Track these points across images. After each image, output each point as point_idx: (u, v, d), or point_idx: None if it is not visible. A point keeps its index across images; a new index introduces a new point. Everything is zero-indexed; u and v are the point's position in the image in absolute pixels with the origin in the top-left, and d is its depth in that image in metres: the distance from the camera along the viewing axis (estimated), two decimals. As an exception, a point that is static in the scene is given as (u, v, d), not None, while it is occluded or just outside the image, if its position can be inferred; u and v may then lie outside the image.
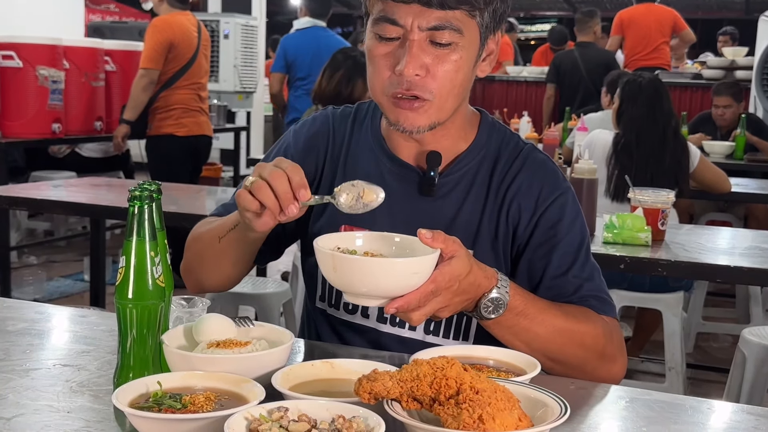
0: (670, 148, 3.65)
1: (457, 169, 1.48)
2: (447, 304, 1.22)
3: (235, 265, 1.52)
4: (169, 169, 5.14)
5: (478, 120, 1.53)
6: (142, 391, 1.08)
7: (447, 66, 1.36)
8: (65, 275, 5.50)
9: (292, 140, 1.58)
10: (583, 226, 1.48)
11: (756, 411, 1.23)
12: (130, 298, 1.15)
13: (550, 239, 1.44)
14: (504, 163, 1.48)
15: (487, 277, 1.27)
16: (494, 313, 1.28)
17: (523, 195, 1.46)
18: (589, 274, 1.45)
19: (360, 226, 1.44)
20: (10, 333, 1.45)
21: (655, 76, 3.86)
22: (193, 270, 1.58)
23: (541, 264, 1.44)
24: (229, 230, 1.44)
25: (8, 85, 5.11)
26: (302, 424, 0.96)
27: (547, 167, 1.49)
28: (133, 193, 1.15)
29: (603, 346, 1.39)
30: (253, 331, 1.28)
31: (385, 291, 1.17)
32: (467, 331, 1.49)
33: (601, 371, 1.40)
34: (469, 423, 0.96)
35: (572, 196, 1.49)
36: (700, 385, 3.86)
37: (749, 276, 2.45)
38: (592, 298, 1.43)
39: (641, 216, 2.63)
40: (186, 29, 5.14)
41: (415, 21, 1.33)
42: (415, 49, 1.33)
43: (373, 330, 1.50)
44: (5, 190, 3.46)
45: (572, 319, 1.37)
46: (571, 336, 1.36)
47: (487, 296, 1.27)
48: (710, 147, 5.42)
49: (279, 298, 3.32)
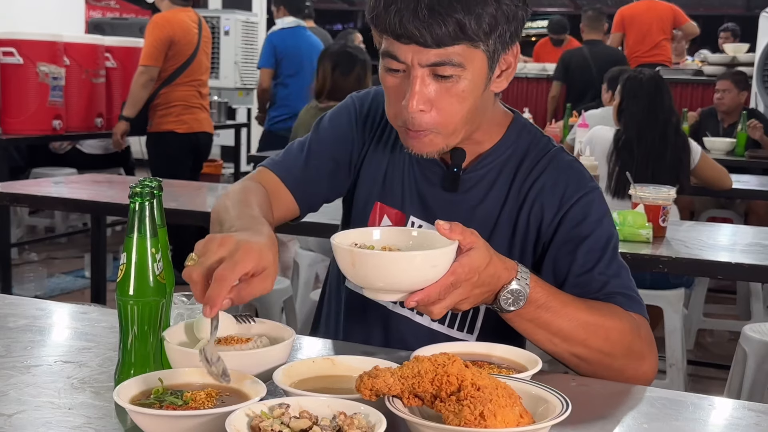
0: (671, 145, 3.64)
1: (482, 165, 1.50)
2: (467, 296, 1.22)
3: None
4: (169, 166, 5.15)
5: (509, 120, 1.53)
6: (144, 387, 1.08)
7: (451, 99, 1.35)
8: (66, 272, 5.50)
9: (357, 108, 1.61)
10: (611, 225, 1.47)
11: (757, 408, 1.23)
12: (131, 295, 1.15)
13: (574, 237, 1.43)
14: (529, 163, 1.49)
15: (507, 268, 1.26)
16: (514, 305, 1.27)
17: (547, 194, 1.46)
18: (616, 271, 1.43)
19: (392, 206, 1.53)
20: (11, 330, 1.45)
21: (656, 72, 3.85)
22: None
23: (566, 261, 1.43)
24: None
25: (9, 81, 5.11)
26: (303, 420, 0.96)
27: (572, 168, 1.49)
28: (134, 189, 1.15)
29: (630, 342, 1.36)
30: (254, 328, 1.28)
31: (405, 285, 1.17)
32: (473, 322, 1.50)
33: (629, 369, 1.37)
34: (470, 419, 0.96)
35: (599, 196, 1.48)
36: (701, 381, 3.86)
37: (750, 273, 2.45)
38: (619, 295, 1.41)
39: (642, 212, 2.63)
40: (186, 26, 5.14)
41: (415, 58, 1.32)
42: (418, 86, 1.34)
43: (390, 312, 1.52)
44: (6, 186, 3.46)
45: (597, 313, 1.35)
46: (596, 330, 1.33)
47: (507, 288, 1.26)
48: (711, 143, 5.42)
49: (280, 294, 3.32)
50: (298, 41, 5.89)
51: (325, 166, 1.59)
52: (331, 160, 1.59)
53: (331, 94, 4.11)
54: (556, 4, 14.87)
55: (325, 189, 1.61)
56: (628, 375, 1.37)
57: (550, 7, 14.56)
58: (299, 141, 1.62)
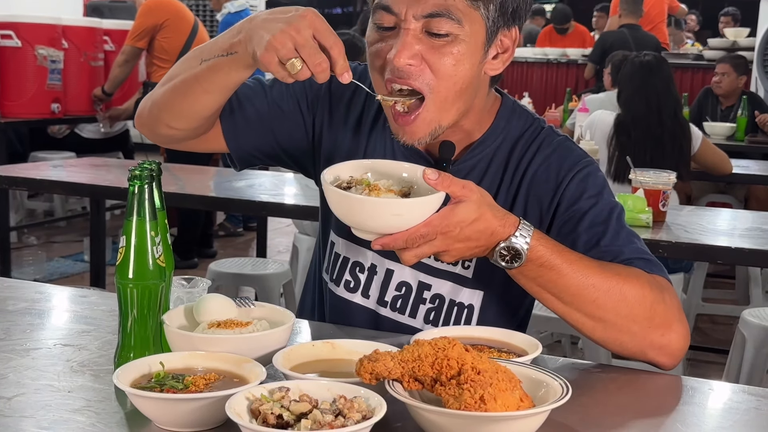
0: (668, 130, 3.62)
1: (471, 156, 1.44)
2: (446, 248, 1.20)
3: (207, 93, 1.35)
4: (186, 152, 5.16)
5: (498, 106, 1.47)
6: (144, 371, 1.08)
7: (444, 59, 1.28)
8: (65, 255, 5.50)
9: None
10: (610, 196, 1.41)
11: (756, 392, 1.23)
12: (131, 278, 1.15)
13: (575, 215, 1.38)
14: (521, 149, 1.44)
15: (505, 225, 1.21)
16: (511, 262, 1.23)
17: (541, 178, 1.41)
18: (626, 239, 1.36)
19: None
20: (11, 313, 1.45)
21: (655, 55, 3.83)
22: (155, 102, 1.44)
23: (570, 240, 1.35)
24: (219, 56, 1.30)
25: (7, 64, 5.10)
26: (303, 404, 0.96)
27: (564, 146, 1.44)
28: (133, 172, 1.15)
29: (651, 305, 1.27)
30: (253, 312, 1.27)
31: (372, 228, 1.18)
32: (468, 323, 1.45)
33: (653, 335, 1.27)
34: (470, 403, 0.95)
35: (594, 169, 1.42)
36: (700, 366, 3.87)
37: (749, 257, 2.45)
38: (636, 259, 1.33)
39: (642, 197, 2.63)
40: (179, 7, 5.13)
41: (410, 10, 1.27)
42: (409, 38, 1.27)
43: (372, 312, 1.49)
44: (5, 170, 3.45)
45: (610, 272, 1.27)
46: (608, 290, 1.25)
47: (502, 244, 1.22)
48: (711, 128, 5.42)
49: (279, 278, 3.33)
50: None
51: (268, 109, 1.48)
52: (276, 105, 1.48)
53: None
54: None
55: (261, 131, 1.48)
56: (651, 341, 1.28)
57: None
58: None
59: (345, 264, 1.50)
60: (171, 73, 1.43)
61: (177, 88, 1.39)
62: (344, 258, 1.50)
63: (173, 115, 1.42)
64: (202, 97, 1.36)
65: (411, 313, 1.47)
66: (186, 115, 1.41)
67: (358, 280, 1.49)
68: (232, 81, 1.33)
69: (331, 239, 1.52)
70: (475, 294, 1.44)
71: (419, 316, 1.47)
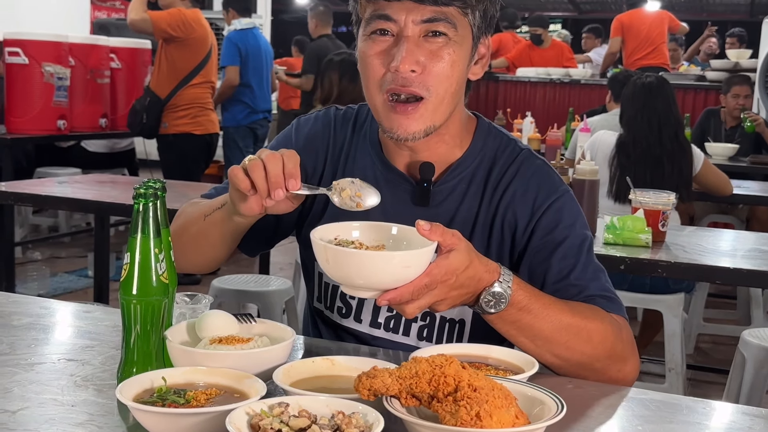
0: (668, 151, 3.63)
1: (452, 177, 1.47)
2: (443, 297, 1.22)
3: (214, 247, 1.48)
4: (184, 168, 5.17)
5: (474, 126, 1.51)
6: (146, 386, 1.10)
7: (442, 63, 1.35)
8: (69, 271, 5.52)
9: (293, 135, 1.57)
10: (584, 228, 1.45)
11: (751, 411, 1.24)
12: (134, 294, 1.17)
13: (548, 244, 1.42)
14: (499, 170, 1.47)
15: (489, 270, 1.25)
16: (495, 307, 1.27)
17: (519, 201, 1.44)
18: (593, 274, 1.42)
19: None
20: (15, 327, 1.47)
21: (657, 77, 3.85)
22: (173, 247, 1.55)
23: (542, 269, 1.41)
24: (216, 209, 1.42)
25: (14, 81, 5.13)
26: (302, 419, 0.97)
27: (542, 172, 1.46)
28: (138, 191, 1.17)
29: (612, 344, 1.36)
30: (255, 328, 1.29)
31: (378, 284, 1.17)
32: (460, 337, 1.48)
33: (611, 371, 1.37)
34: (466, 420, 0.97)
35: (569, 199, 1.46)
36: (700, 386, 3.87)
37: (749, 278, 2.46)
38: (598, 297, 1.40)
39: (642, 217, 2.64)
40: (205, 24, 5.20)
41: (409, 16, 1.33)
42: (411, 45, 1.33)
43: (367, 335, 1.51)
44: (11, 185, 3.47)
45: (579, 315, 1.34)
46: (578, 332, 1.32)
47: (489, 290, 1.25)
48: (713, 149, 5.43)
49: (281, 295, 3.34)
50: (258, 41, 6.06)
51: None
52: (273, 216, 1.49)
53: (339, 101, 4.15)
54: (560, 9, 14.88)
55: (272, 223, 1.54)
56: (610, 376, 1.36)
57: (554, 11, 14.58)
58: None
59: (335, 292, 1.54)
60: (182, 221, 1.52)
61: (188, 245, 1.48)
62: (333, 287, 1.53)
63: (194, 269, 1.57)
64: (211, 251, 1.50)
65: (404, 332, 1.49)
66: (207, 267, 1.56)
67: (350, 306, 1.52)
68: (229, 230, 1.42)
69: (318, 270, 1.55)
70: (465, 309, 1.46)
71: (412, 333, 1.49)
